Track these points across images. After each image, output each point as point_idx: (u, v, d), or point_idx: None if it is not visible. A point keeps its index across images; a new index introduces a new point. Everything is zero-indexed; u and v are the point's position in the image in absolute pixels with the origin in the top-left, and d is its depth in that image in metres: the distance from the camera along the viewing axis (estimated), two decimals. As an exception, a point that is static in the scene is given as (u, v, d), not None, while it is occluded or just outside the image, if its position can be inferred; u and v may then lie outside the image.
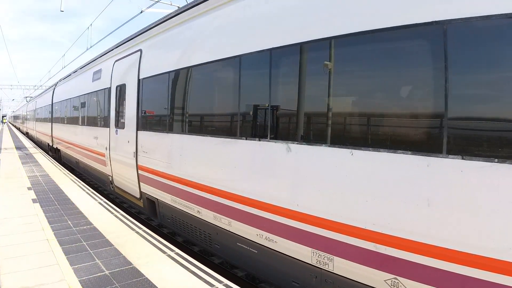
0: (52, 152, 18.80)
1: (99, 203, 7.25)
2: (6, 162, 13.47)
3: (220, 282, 3.73)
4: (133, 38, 8.23)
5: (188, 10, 5.91)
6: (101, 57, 10.94)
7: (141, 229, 5.58)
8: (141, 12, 11.79)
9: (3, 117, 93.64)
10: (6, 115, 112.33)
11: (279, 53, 3.92)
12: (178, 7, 9.20)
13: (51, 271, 3.91)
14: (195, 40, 5.62)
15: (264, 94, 4.07)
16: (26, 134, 38.03)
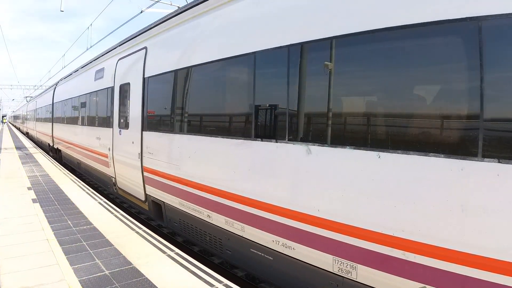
0: (52, 152, 18.63)
1: (99, 203, 7.25)
2: (6, 162, 13.47)
3: (220, 282, 3.73)
4: (137, 35, 7.95)
5: (201, 3, 5.57)
6: (103, 55, 10.64)
7: (141, 229, 5.58)
8: (141, 12, 11.80)
9: (3, 117, 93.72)
10: (6, 115, 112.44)
11: (296, 50, 3.71)
12: (178, 7, 9.19)
13: (51, 271, 3.91)
14: (209, 36, 5.31)
15: (282, 93, 3.86)
16: (26, 134, 37.99)
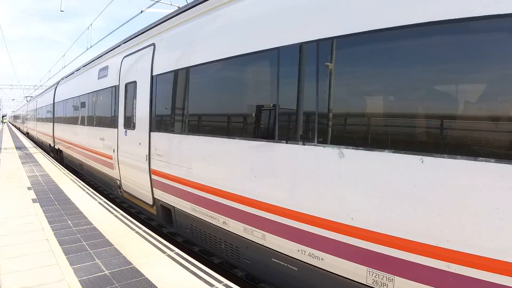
0: (53, 153, 18.34)
1: (99, 203, 7.25)
2: (6, 162, 13.47)
3: (220, 282, 3.73)
4: (144, 32, 7.55)
5: None
6: (107, 53, 10.27)
7: (141, 229, 5.58)
8: (141, 12, 11.83)
9: (3, 117, 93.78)
10: (6, 115, 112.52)
11: (327, 44, 3.46)
12: (178, 7, 9.19)
13: (51, 271, 3.92)
14: (224, 31, 4.97)
15: (311, 93, 3.59)
16: (27, 134, 37.97)
